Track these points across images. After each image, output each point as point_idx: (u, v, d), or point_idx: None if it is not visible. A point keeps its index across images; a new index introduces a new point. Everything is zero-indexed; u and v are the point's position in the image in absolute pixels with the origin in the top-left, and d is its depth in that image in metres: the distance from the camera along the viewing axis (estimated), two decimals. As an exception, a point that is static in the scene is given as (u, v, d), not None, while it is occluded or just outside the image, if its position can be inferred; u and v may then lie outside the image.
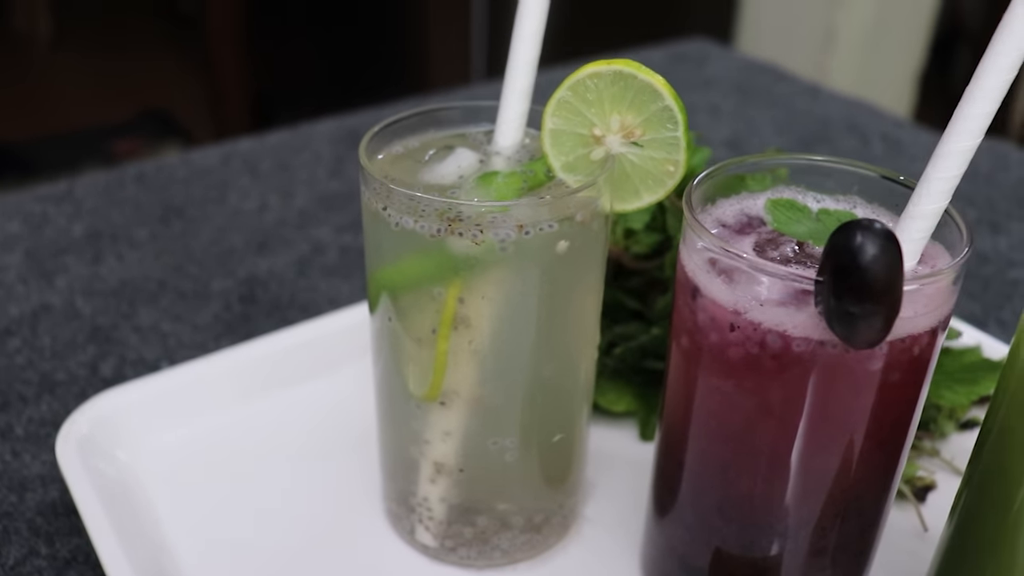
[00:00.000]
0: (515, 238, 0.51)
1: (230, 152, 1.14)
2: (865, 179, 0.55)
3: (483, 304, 0.54)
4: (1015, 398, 0.48)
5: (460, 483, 0.60)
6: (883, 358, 0.47)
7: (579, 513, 0.66)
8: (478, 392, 0.57)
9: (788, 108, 1.30)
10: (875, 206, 0.54)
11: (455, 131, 0.61)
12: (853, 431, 0.49)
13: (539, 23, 0.56)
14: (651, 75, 0.53)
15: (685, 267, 0.51)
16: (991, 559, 0.51)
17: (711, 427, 0.52)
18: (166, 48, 2.94)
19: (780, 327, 0.47)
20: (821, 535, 0.53)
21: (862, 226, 0.43)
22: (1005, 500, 0.49)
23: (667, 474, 0.57)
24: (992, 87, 0.47)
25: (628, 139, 0.54)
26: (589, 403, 0.63)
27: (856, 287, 0.42)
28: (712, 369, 0.50)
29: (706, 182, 0.53)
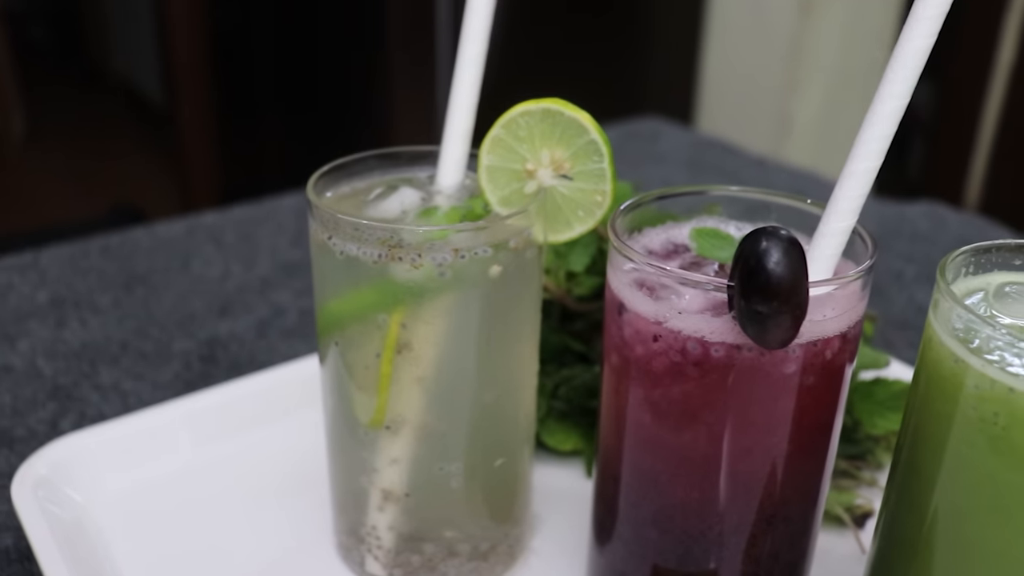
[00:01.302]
0: (451, 262, 0.54)
1: (194, 224, 1.17)
2: (782, 207, 0.58)
3: (424, 328, 0.56)
4: (918, 423, 0.51)
5: (408, 510, 0.62)
6: (797, 361, 0.50)
7: (526, 545, 0.68)
8: (423, 417, 0.59)
9: (737, 180, 1.35)
10: (792, 230, 0.58)
11: (400, 174, 0.64)
12: (775, 436, 0.52)
13: (477, 69, 0.60)
14: (577, 111, 0.57)
15: (612, 287, 0.54)
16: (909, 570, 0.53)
17: (641, 438, 0.54)
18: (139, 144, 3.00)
19: (699, 334, 0.49)
20: (753, 543, 0.55)
21: (767, 232, 0.46)
22: (917, 514, 0.51)
23: (604, 491, 0.59)
24: (888, 111, 0.51)
25: (558, 172, 0.58)
26: (531, 432, 0.65)
27: (762, 287, 0.46)
28: (639, 381, 0.53)
29: (631, 211, 0.56)
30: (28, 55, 3.16)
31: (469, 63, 0.60)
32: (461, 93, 0.61)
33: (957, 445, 0.48)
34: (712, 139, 1.51)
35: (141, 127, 3.08)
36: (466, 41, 0.60)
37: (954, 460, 0.49)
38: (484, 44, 0.61)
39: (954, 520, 0.50)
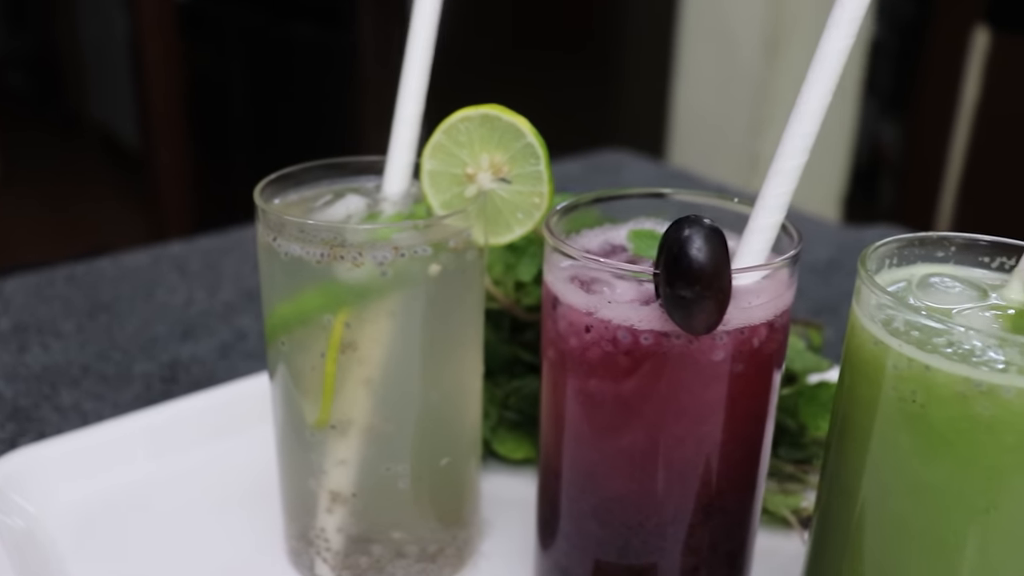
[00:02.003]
0: (392, 260, 0.56)
1: (160, 254, 1.18)
2: (715, 208, 0.60)
3: (368, 328, 0.58)
4: (845, 410, 0.52)
5: (356, 512, 0.62)
6: (725, 349, 0.51)
7: (475, 548, 0.68)
8: (369, 417, 0.60)
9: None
10: (726, 230, 0.60)
11: (348, 183, 0.66)
12: (708, 424, 0.53)
13: (422, 81, 0.62)
14: (514, 116, 0.58)
15: (547, 284, 0.55)
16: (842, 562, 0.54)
17: (579, 432, 0.56)
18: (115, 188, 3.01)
19: (628, 322, 0.51)
20: (691, 533, 0.56)
21: (689, 221, 0.48)
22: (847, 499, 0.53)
23: (546, 488, 0.60)
24: (812, 110, 0.54)
25: (497, 175, 0.60)
26: (478, 435, 0.66)
27: (685, 272, 0.47)
28: (575, 374, 0.54)
29: (567, 211, 0.58)
30: (6, 101, 3.18)
31: (414, 74, 0.62)
32: (406, 103, 0.62)
33: (880, 427, 0.50)
34: (675, 171, 1.54)
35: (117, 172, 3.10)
36: (411, 53, 0.62)
37: (878, 442, 0.50)
38: (428, 57, 0.63)
39: (881, 502, 0.51)
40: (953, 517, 0.49)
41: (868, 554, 0.52)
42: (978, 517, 0.48)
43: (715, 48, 2.51)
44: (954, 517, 0.49)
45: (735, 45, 2.46)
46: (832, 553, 0.55)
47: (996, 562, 0.49)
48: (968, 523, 0.48)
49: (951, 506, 0.49)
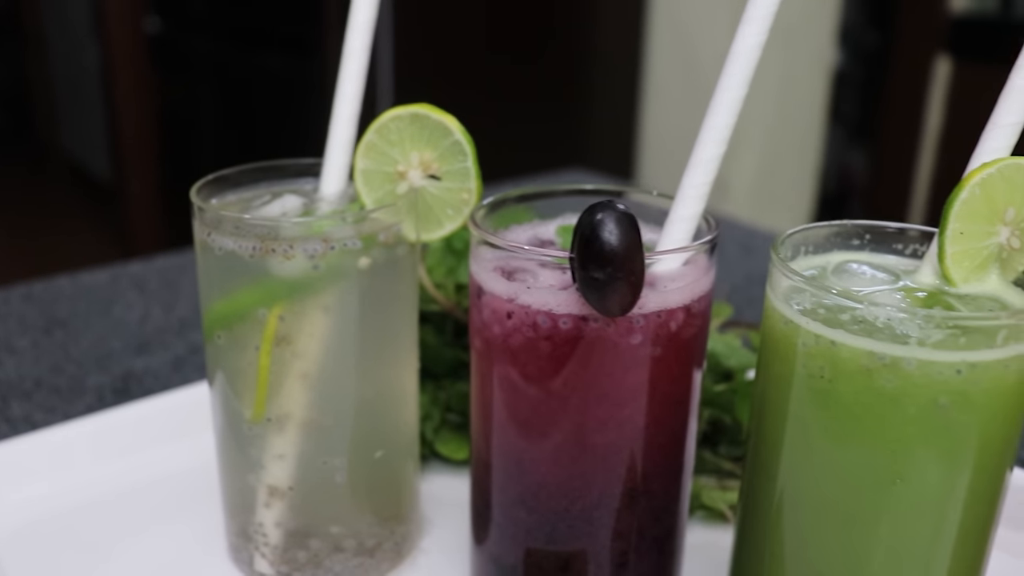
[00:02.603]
0: (322, 253, 0.57)
1: (119, 273, 1.19)
2: (643, 204, 0.62)
3: (301, 321, 0.59)
4: (762, 392, 0.54)
5: (294, 506, 0.63)
6: (643, 332, 0.53)
7: (415, 545, 0.69)
8: (304, 410, 0.61)
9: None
10: (651, 225, 0.61)
11: (286, 185, 0.67)
12: (628, 408, 0.54)
13: (358, 83, 0.64)
14: (442, 114, 0.60)
15: (472, 276, 0.57)
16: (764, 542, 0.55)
17: (505, 419, 0.57)
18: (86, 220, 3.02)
19: (546, 307, 0.52)
20: (617, 518, 0.57)
21: (602, 205, 0.50)
22: (767, 479, 0.54)
23: (477, 478, 0.61)
24: (728, 101, 0.55)
25: (427, 172, 0.61)
26: (414, 430, 0.67)
27: (597, 254, 0.49)
28: (499, 361, 0.56)
29: (493, 206, 0.60)
30: (-23, 136, 3.19)
31: (351, 77, 0.64)
32: (343, 105, 0.64)
33: (794, 405, 0.51)
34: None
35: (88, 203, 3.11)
36: (348, 57, 0.64)
37: (792, 421, 0.52)
38: (365, 59, 0.64)
39: (798, 480, 0.53)
40: (864, 491, 0.50)
41: (788, 532, 0.54)
42: (887, 489, 0.50)
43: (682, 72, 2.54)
44: (865, 491, 0.50)
45: (701, 69, 2.50)
46: (756, 534, 0.56)
47: (906, 533, 0.50)
48: (878, 496, 0.50)
49: (861, 480, 0.50)
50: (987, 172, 0.51)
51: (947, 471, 0.49)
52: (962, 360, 0.47)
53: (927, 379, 0.47)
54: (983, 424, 0.48)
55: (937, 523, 0.50)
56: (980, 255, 0.52)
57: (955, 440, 0.48)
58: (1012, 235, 0.52)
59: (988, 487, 0.51)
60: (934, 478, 0.49)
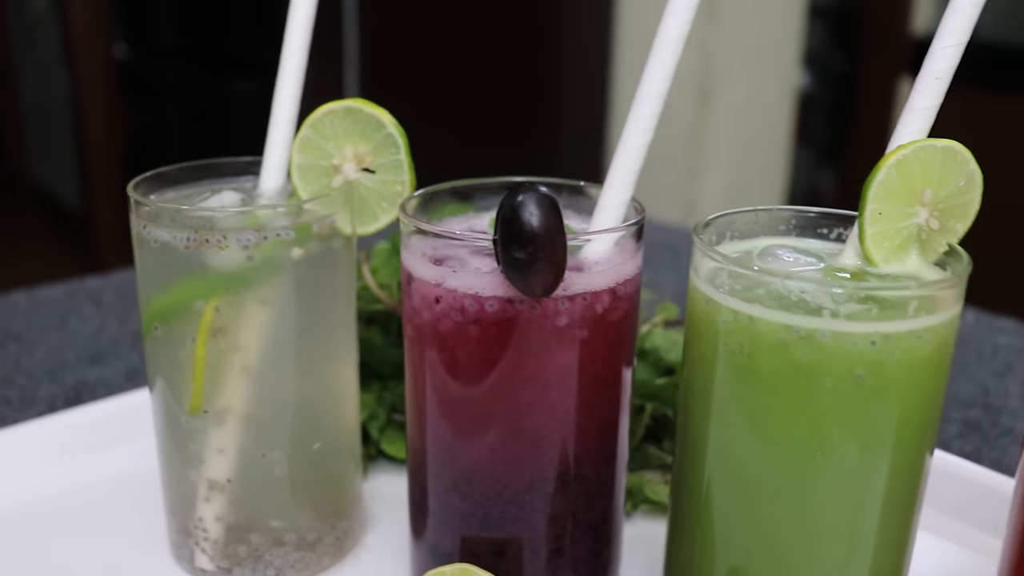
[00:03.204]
0: (256, 243, 0.58)
1: (76, 288, 1.19)
2: (571, 189, 0.63)
3: (237, 313, 0.59)
4: (688, 374, 0.55)
5: (234, 500, 0.63)
6: (568, 314, 0.53)
7: (358, 540, 0.69)
8: (241, 402, 0.61)
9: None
10: (584, 216, 0.62)
11: (226, 183, 0.68)
12: (556, 390, 0.55)
13: (297, 82, 0.64)
14: (375, 108, 0.61)
15: (403, 263, 0.57)
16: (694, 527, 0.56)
17: (436, 404, 0.57)
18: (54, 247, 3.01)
19: (472, 290, 0.53)
20: (549, 503, 0.57)
21: (523, 187, 0.51)
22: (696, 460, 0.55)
23: (414, 467, 0.61)
24: (653, 92, 0.57)
25: (361, 165, 0.62)
26: (355, 424, 0.68)
27: (518, 234, 0.50)
28: (429, 347, 0.56)
29: (424, 197, 0.60)
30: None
31: (290, 75, 0.65)
32: (282, 103, 0.65)
33: (717, 383, 0.52)
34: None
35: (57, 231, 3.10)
36: (287, 56, 0.65)
37: (717, 399, 0.53)
38: (304, 59, 0.65)
39: (723, 457, 0.53)
40: (786, 465, 0.51)
41: (717, 512, 0.54)
42: (808, 462, 0.50)
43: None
44: (787, 465, 0.51)
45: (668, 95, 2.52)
46: (687, 516, 0.57)
47: (830, 507, 0.51)
48: (800, 469, 0.51)
49: (783, 454, 0.51)
50: (903, 153, 0.52)
51: (867, 444, 0.50)
52: (875, 331, 0.48)
53: (842, 350, 0.48)
54: (900, 396, 0.49)
55: (859, 497, 0.51)
56: (900, 236, 0.53)
57: (873, 412, 0.49)
58: (931, 216, 0.53)
59: (909, 461, 0.52)
60: (854, 450, 0.50)
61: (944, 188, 0.53)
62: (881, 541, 0.53)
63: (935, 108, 0.53)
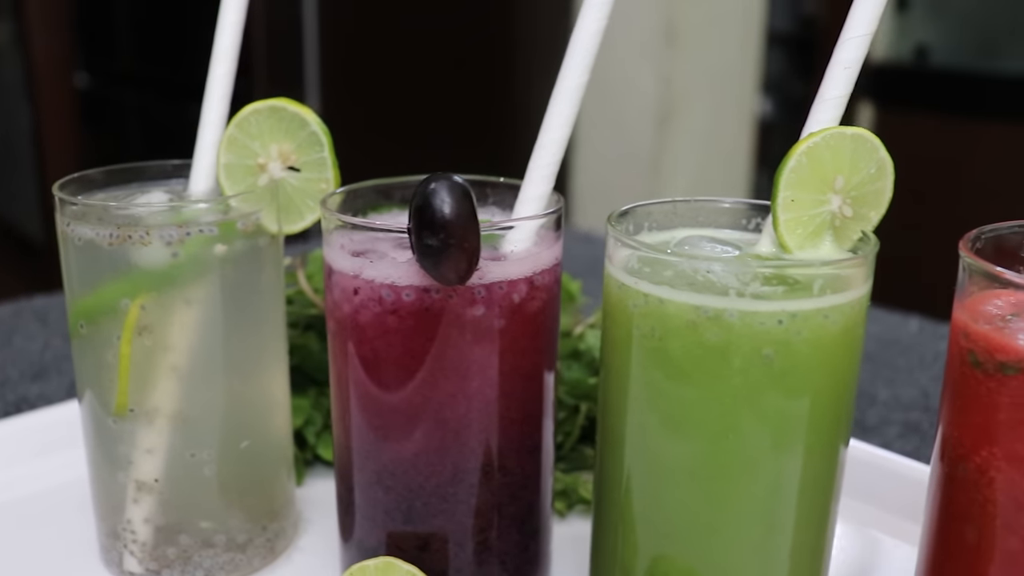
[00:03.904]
0: (179, 239, 0.58)
1: (23, 307, 1.18)
2: (495, 185, 0.63)
3: (163, 310, 0.59)
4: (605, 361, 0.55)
5: (163, 501, 0.63)
6: (485, 303, 0.54)
7: (291, 542, 0.69)
8: (168, 401, 0.61)
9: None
10: (507, 211, 0.63)
11: (157, 185, 0.68)
12: (476, 380, 0.55)
13: (227, 86, 0.65)
14: (299, 106, 0.62)
15: (324, 258, 0.58)
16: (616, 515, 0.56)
17: (359, 397, 0.57)
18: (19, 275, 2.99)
19: (389, 280, 0.53)
20: (472, 494, 0.58)
21: (435, 176, 0.51)
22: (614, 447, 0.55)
23: (339, 463, 0.61)
24: (570, 87, 0.57)
25: (286, 164, 0.62)
26: (286, 424, 0.68)
27: (430, 221, 0.50)
28: (350, 339, 0.56)
29: (346, 194, 0.61)
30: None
31: (219, 79, 0.65)
32: (211, 105, 0.65)
33: (633, 369, 0.53)
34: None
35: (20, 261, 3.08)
36: (216, 60, 0.65)
37: (633, 384, 0.53)
38: (233, 63, 0.65)
39: (640, 442, 0.54)
40: (699, 446, 0.51)
41: (636, 498, 0.55)
42: (719, 443, 0.51)
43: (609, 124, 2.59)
44: (699, 446, 0.51)
45: (628, 121, 2.55)
46: (608, 505, 0.57)
47: (745, 489, 0.52)
48: (712, 450, 0.51)
49: (695, 436, 0.51)
50: (813, 141, 0.53)
51: (778, 424, 0.50)
52: (782, 310, 0.48)
53: (749, 330, 0.48)
54: (810, 376, 0.50)
55: (773, 478, 0.52)
56: (813, 222, 0.54)
57: (783, 391, 0.50)
58: (844, 204, 0.54)
59: (822, 443, 0.52)
60: (766, 431, 0.50)
61: (855, 175, 0.54)
62: (799, 523, 0.53)
63: (845, 97, 0.54)
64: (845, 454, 0.55)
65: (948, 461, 0.52)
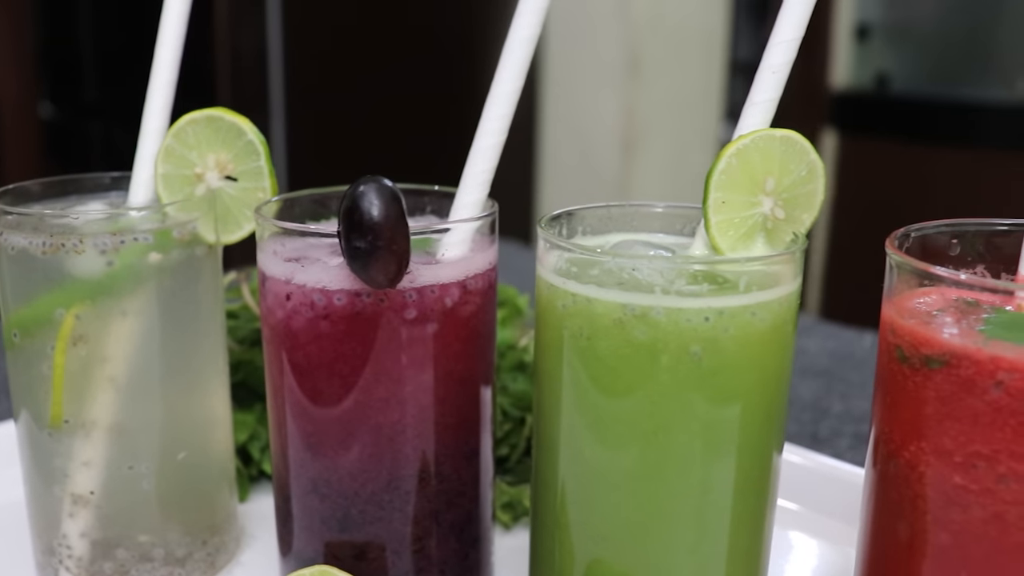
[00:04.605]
0: (112, 247, 0.58)
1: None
2: (432, 194, 0.63)
3: (98, 320, 0.59)
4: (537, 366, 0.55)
5: (100, 516, 0.62)
6: (416, 307, 0.54)
7: (232, 557, 0.68)
8: (108, 413, 0.61)
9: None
10: (446, 219, 0.63)
11: (96, 197, 0.68)
12: (410, 385, 0.55)
13: (167, 96, 0.65)
14: (236, 116, 0.62)
15: (258, 267, 0.58)
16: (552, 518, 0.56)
17: (293, 404, 0.57)
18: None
19: (320, 284, 0.53)
20: (408, 501, 0.57)
21: (364, 180, 0.51)
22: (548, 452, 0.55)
23: (277, 473, 0.61)
24: (504, 92, 0.58)
25: (223, 173, 0.62)
26: (225, 436, 0.67)
27: (358, 223, 0.50)
28: (284, 345, 0.56)
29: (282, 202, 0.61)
30: None
31: (160, 89, 0.65)
32: (151, 118, 0.65)
33: (565, 371, 0.53)
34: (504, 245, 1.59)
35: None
36: (157, 70, 0.65)
37: (565, 386, 0.53)
38: (174, 73, 0.65)
39: (572, 444, 0.54)
40: (629, 447, 0.51)
41: (571, 500, 0.54)
42: (650, 443, 0.51)
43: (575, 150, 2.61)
44: (630, 447, 0.51)
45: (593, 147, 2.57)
46: (545, 509, 0.57)
47: (675, 487, 0.52)
48: (642, 451, 0.51)
49: (626, 436, 0.51)
50: (742, 143, 0.54)
51: (707, 423, 0.50)
52: (708, 306, 0.48)
53: (676, 327, 0.49)
54: (739, 373, 0.50)
55: (704, 478, 0.51)
56: (745, 224, 0.54)
57: (712, 390, 0.50)
58: (776, 206, 0.55)
59: (753, 443, 0.52)
60: (695, 430, 0.50)
61: (786, 177, 0.54)
62: (734, 524, 0.53)
63: (774, 101, 0.55)
64: (779, 457, 0.55)
65: (881, 459, 0.52)
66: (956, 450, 0.47)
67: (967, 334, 0.47)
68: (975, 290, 0.49)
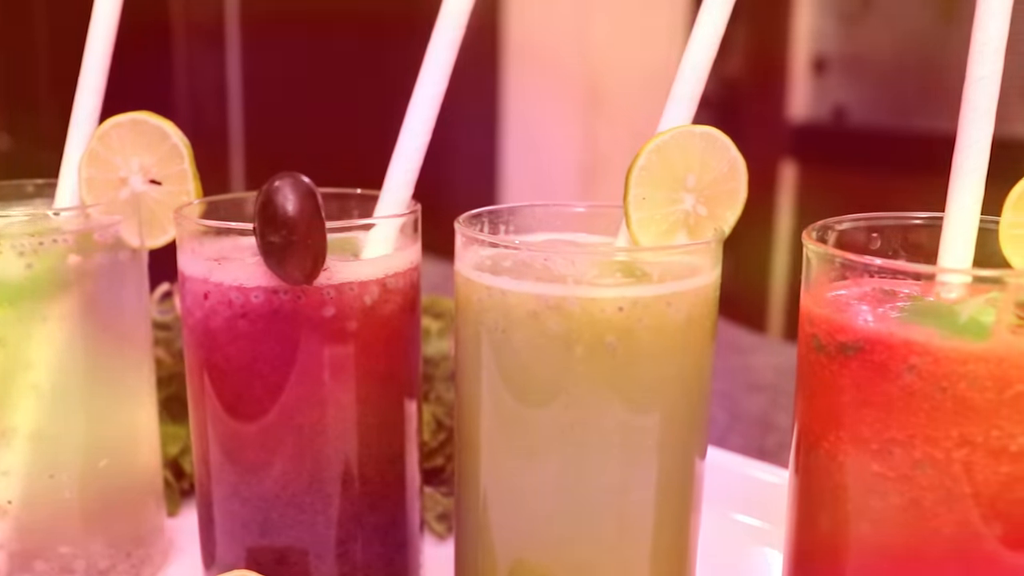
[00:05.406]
0: (31, 248, 0.57)
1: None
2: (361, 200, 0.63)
3: (18, 324, 0.58)
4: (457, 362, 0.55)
5: (19, 526, 0.61)
6: (334, 304, 0.53)
7: (158, 569, 0.67)
8: (26, 419, 0.60)
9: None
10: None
11: (19, 205, 0.67)
12: (330, 385, 0.55)
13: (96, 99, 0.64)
14: (160, 119, 0.61)
15: (179, 268, 0.57)
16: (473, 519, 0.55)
17: (213, 406, 0.56)
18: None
19: (237, 281, 0.53)
20: (329, 503, 0.56)
21: (279, 175, 0.51)
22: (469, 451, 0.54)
23: (199, 479, 0.60)
24: (430, 95, 0.58)
25: (147, 177, 0.62)
26: (151, 447, 0.66)
27: (271, 217, 0.50)
28: (202, 345, 0.56)
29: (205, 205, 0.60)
30: None
31: (88, 93, 0.64)
32: (78, 123, 0.64)
33: (482, 367, 0.52)
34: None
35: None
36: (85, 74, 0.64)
37: (484, 383, 0.52)
38: (103, 78, 0.65)
39: (491, 441, 0.53)
40: (548, 439, 0.51)
41: (492, 499, 0.54)
42: (567, 434, 0.50)
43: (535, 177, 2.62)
44: (549, 439, 0.51)
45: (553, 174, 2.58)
46: (468, 512, 0.56)
47: (593, 482, 0.51)
48: (561, 442, 0.51)
49: (545, 428, 0.51)
50: (662, 139, 0.54)
51: (624, 416, 0.50)
52: (621, 296, 0.48)
53: (590, 317, 0.48)
54: (655, 365, 0.50)
55: (624, 473, 0.51)
56: (667, 221, 0.54)
57: (627, 380, 0.50)
58: (698, 202, 0.55)
59: (674, 438, 0.52)
60: (612, 423, 0.50)
61: (707, 174, 0.54)
62: (657, 522, 0.53)
63: (695, 97, 0.55)
64: (702, 454, 0.55)
65: (803, 451, 0.52)
66: (872, 437, 0.47)
67: (880, 319, 0.47)
68: (887, 276, 0.49)
